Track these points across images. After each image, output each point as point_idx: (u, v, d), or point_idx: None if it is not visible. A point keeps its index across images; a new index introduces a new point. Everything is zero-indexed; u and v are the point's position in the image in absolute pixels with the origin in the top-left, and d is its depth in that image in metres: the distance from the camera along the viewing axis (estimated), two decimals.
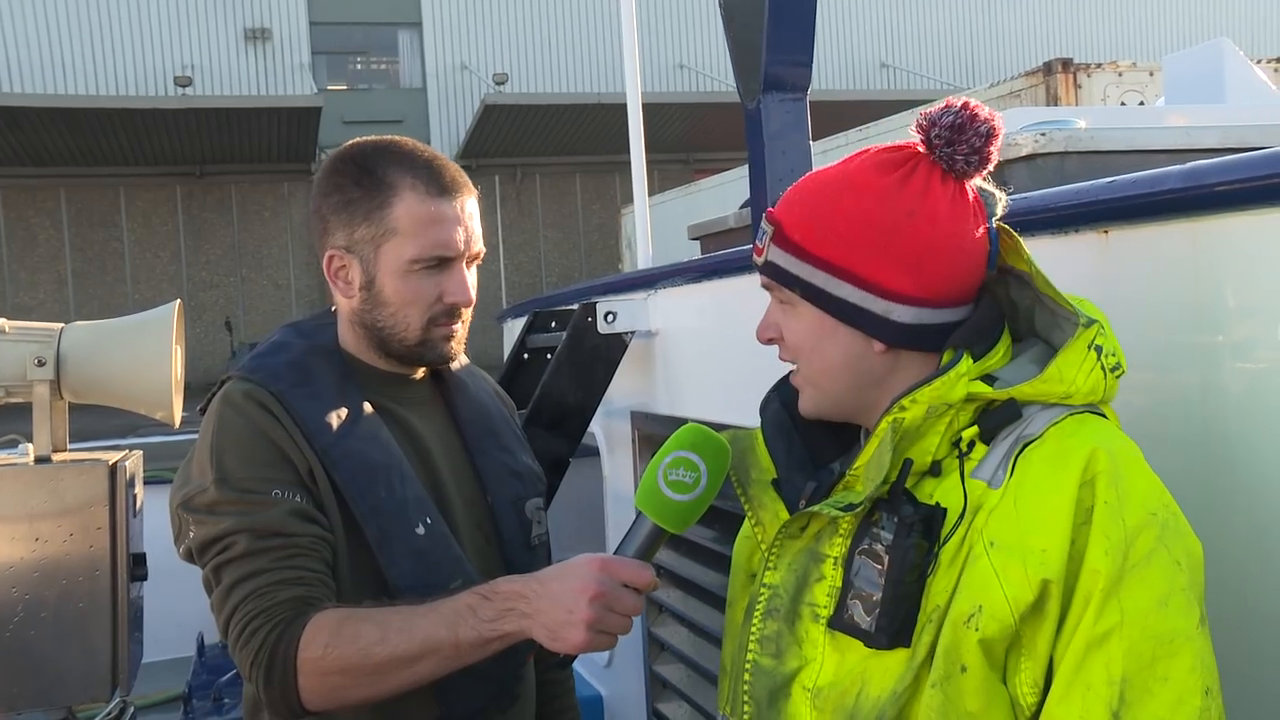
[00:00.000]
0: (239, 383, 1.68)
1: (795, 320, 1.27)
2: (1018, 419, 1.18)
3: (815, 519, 1.25)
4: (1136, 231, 1.40)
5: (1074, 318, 1.20)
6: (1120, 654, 1.06)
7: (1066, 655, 1.08)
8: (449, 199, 1.67)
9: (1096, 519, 1.09)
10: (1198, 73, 4.41)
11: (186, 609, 4.88)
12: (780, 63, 2.09)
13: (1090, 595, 1.07)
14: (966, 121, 1.20)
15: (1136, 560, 1.08)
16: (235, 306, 24.75)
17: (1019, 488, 1.13)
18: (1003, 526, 1.12)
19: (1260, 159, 1.22)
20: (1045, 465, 1.13)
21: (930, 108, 1.23)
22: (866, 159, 1.27)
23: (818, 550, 1.25)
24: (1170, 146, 2.05)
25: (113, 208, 24.27)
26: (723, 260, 2.63)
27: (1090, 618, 1.07)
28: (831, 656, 1.21)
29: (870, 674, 1.17)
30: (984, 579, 1.10)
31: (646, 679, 3.06)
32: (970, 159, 1.21)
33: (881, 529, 1.16)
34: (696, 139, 23.36)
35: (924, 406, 1.18)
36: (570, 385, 2.87)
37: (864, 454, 1.22)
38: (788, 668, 1.24)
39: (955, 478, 1.18)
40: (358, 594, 1.60)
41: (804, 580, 1.25)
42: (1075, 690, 1.07)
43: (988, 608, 1.09)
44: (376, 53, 26.96)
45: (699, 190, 16.34)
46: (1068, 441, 1.14)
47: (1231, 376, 1.30)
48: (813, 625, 1.23)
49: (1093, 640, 1.07)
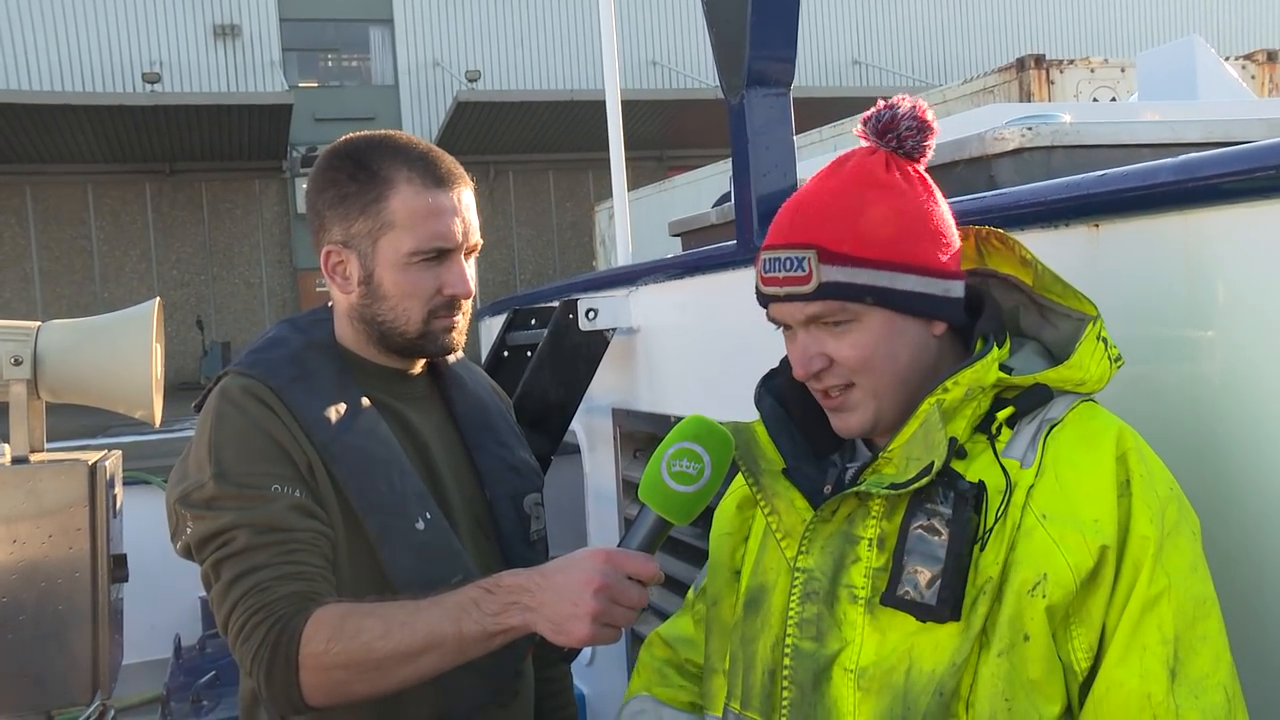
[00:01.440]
0: (237, 378, 1.66)
1: (857, 333, 1.27)
2: (1046, 402, 1.25)
3: (845, 503, 1.28)
4: (1128, 225, 1.41)
5: (1074, 314, 1.28)
6: (1170, 614, 1.15)
7: (1123, 619, 1.16)
8: (445, 190, 1.66)
9: (1136, 490, 1.17)
10: (1170, 69, 4.45)
11: (162, 611, 4.85)
12: (763, 58, 2.09)
13: (1141, 561, 1.15)
14: (920, 111, 1.31)
15: (1170, 528, 1.17)
16: (206, 305, 24.54)
17: (1056, 464, 1.20)
18: (1051, 500, 1.18)
19: (1252, 152, 1.23)
20: (1077, 445, 1.21)
21: (868, 112, 1.33)
22: (859, 165, 1.31)
23: (851, 533, 1.27)
24: (1154, 141, 2.06)
25: (80, 205, 24.00)
26: (705, 256, 2.63)
27: (1144, 581, 1.15)
28: (872, 637, 1.23)
29: (919, 650, 1.19)
30: (1044, 549, 1.16)
31: (629, 677, 3.05)
32: (929, 144, 1.33)
33: (938, 504, 1.20)
34: (670, 136, 23.38)
35: (964, 388, 1.24)
36: (551, 383, 2.87)
37: (900, 436, 1.25)
38: (829, 650, 1.25)
39: (987, 457, 1.23)
40: (357, 589, 1.59)
41: (840, 563, 1.27)
42: (1133, 651, 1.15)
43: (1053, 575, 1.15)
44: (348, 49, 26.78)
45: (674, 187, 16.35)
46: (1091, 424, 1.23)
47: (1221, 369, 1.31)
48: (850, 606, 1.25)
49: (1147, 602, 1.15)
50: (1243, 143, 1.31)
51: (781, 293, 1.28)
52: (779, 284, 1.28)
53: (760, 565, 1.37)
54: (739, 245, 2.25)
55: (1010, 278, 1.34)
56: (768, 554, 1.36)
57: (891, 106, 1.31)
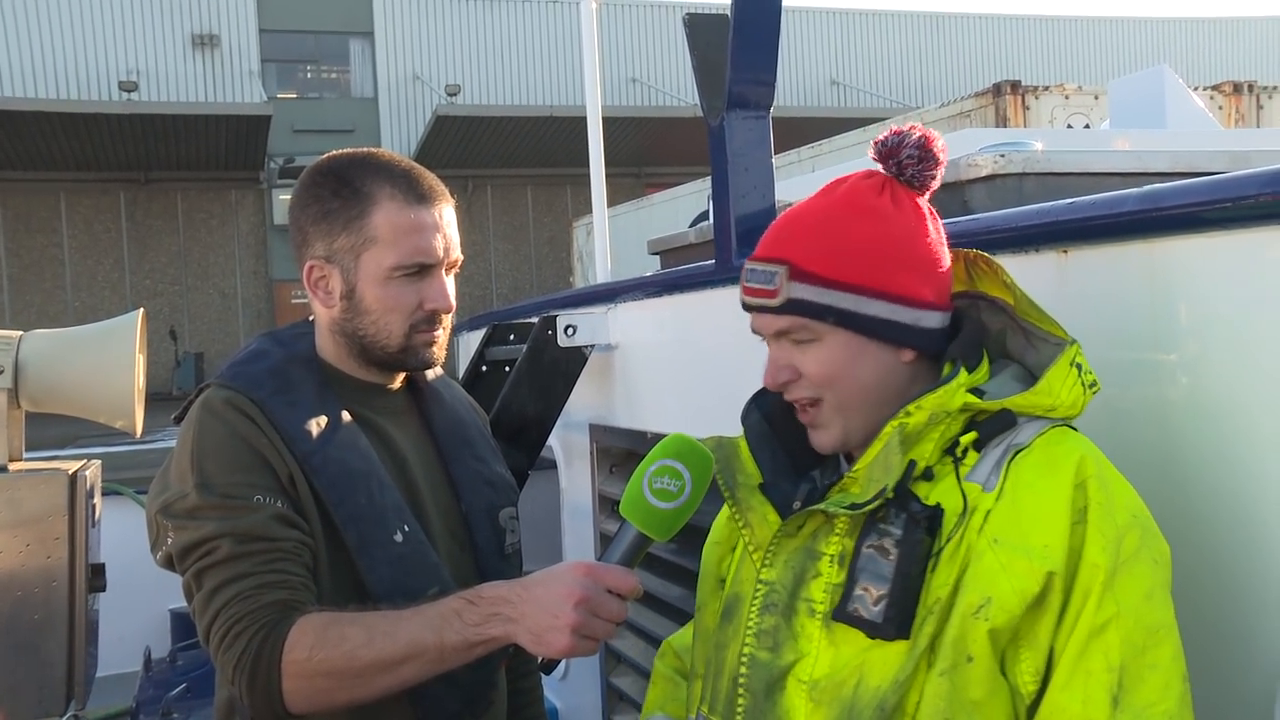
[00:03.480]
0: (219, 390, 1.67)
1: (820, 351, 1.30)
2: (1012, 427, 1.26)
3: (812, 519, 1.31)
4: (1095, 251, 1.45)
5: (1052, 339, 1.30)
6: (1118, 643, 1.15)
7: (1069, 645, 1.16)
8: (427, 207, 1.69)
9: (1092, 518, 1.18)
10: (1140, 97, 4.54)
11: (131, 623, 4.81)
12: (744, 81, 2.13)
13: (1090, 588, 1.16)
14: (928, 142, 1.32)
15: (1126, 557, 1.17)
16: (180, 315, 24.39)
17: (1015, 490, 1.21)
18: (1004, 525, 1.20)
19: (1213, 184, 1.27)
20: (1038, 470, 1.22)
21: (881, 134, 1.35)
22: (852, 187, 1.33)
23: (814, 549, 1.30)
24: (1123, 170, 2.12)
25: (52, 213, 23.83)
26: (683, 275, 2.66)
27: (1091, 608, 1.16)
28: (827, 650, 1.25)
29: (869, 665, 1.22)
30: (991, 573, 1.18)
31: (603, 691, 3.07)
32: (932, 174, 1.34)
33: (890, 525, 1.22)
34: (648, 153, 23.48)
35: (927, 413, 1.26)
36: (529, 398, 2.88)
37: (865, 457, 1.28)
38: (784, 661, 1.28)
39: (950, 481, 1.25)
40: (337, 600, 1.60)
41: (801, 577, 1.30)
42: (1077, 677, 1.15)
43: (996, 599, 1.17)
44: (328, 61, 26.77)
45: (652, 205, 16.40)
46: (1055, 450, 1.23)
47: (1185, 393, 1.35)
48: (808, 620, 1.27)
49: (1093, 629, 1.15)
50: (1208, 173, 1.36)
51: (754, 303, 1.33)
52: (753, 295, 1.32)
53: (738, 575, 1.41)
54: (717, 265, 2.28)
55: (998, 300, 1.36)
56: (744, 565, 1.39)
57: (900, 133, 1.32)
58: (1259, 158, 1.93)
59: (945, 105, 11.94)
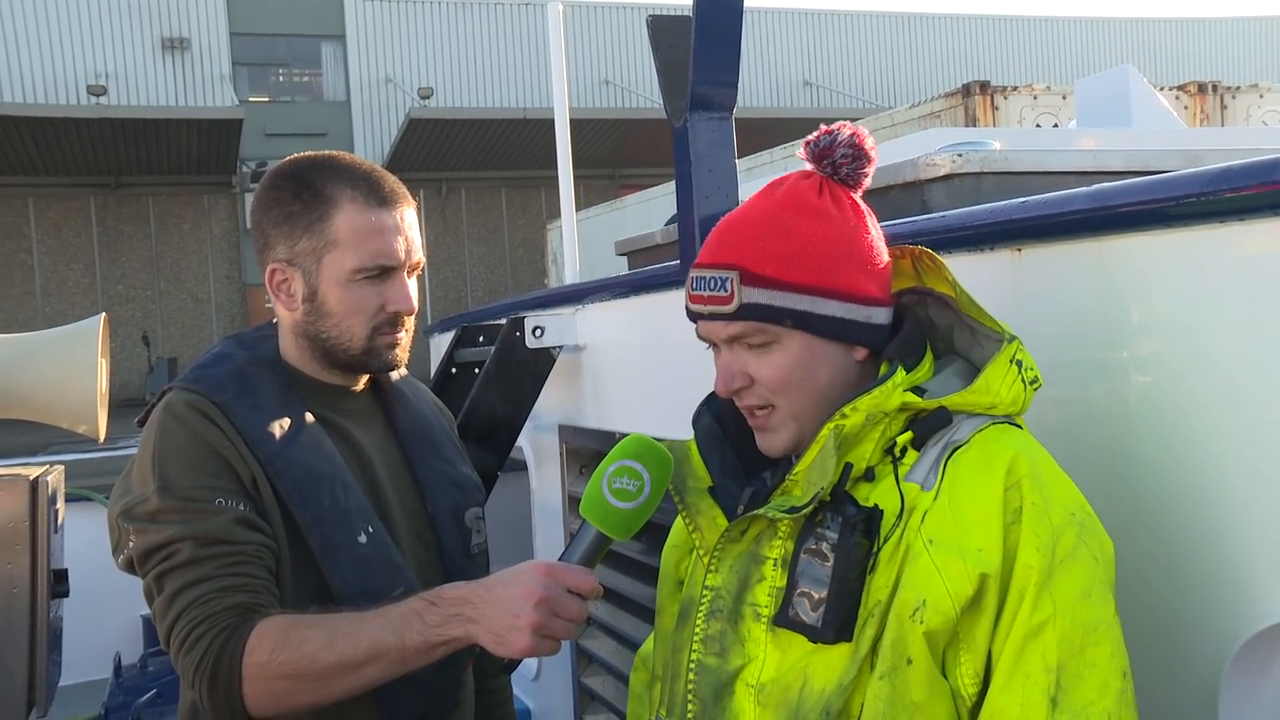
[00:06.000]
0: (181, 393, 1.67)
1: (776, 355, 1.29)
2: (948, 424, 1.26)
3: (755, 523, 1.30)
4: (1047, 249, 1.47)
5: (996, 335, 1.30)
6: (1054, 643, 1.15)
7: (1006, 646, 1.16)
8: (389, 209, 1.70)
9: (1026, 519, 1.18)
10: (1106, 97, 4.58)
11: (101, 630, 4.78)
12: (707, 82, 2.14)
13: (1025, 589, 1.16)
14: (859, 140, 1.32)
15: (1063, 556, 1.17)
16: (153, 320, 24.20)
17: (952, 489, 1.21)
18: (940, 526, 1.20)
19: (1159, 183, 1.29)
20: (973, 469, 1.22)
21: (811, 136, 1.35)
22: (791, 189, 1.33)
23: (758, 553, 1.30)
24: (1079, 169, 2.14)
25: (21, 218, 23.59)
26: (650, 275, 2.67)
27: (1026, 610, 1.16)
28: (773, 654, 1.26)
29: (813, 669, 1.22)
30: (926, 575, 1.18)
31: (575, 692, 3.07)
32: (865, 172, 1.34)
33: (826, 529, 1.22)
34: (622, 155, 23.47)
35: (864, 414, 1.25)
36: (498, 399, 2.89)
37: (804, 460, 1.28)
38: (731, 666, 1.28)
39: (889, 481, 1.25)
40: (300, 603, 1.60)
41: (745, 581, 1.30)
42: (1015, 679, 1.15)
43: (931, 601, 1.17)
44: (299, 65, 26.62)
45: (625, 206, 16.42)
46: (991, 448, 1.23)
47: (1134, 389, 1.37)
48: (754, 624, 1.28)
49: (1030, 631, 1.15)
50: (1162, 172, 1.38)
51: (705, 311, 1.31)
52: (703, 302, 1.31)
53: (692, 579, 1.41)
54: (682, 265, 2.29)
55: (945, 296, 1.36)
56: (698, 568, 1.39)
57: (831, 133, 1.32)
58: (1212, 156, 1.95)
59: (915, 105, 12.01)
